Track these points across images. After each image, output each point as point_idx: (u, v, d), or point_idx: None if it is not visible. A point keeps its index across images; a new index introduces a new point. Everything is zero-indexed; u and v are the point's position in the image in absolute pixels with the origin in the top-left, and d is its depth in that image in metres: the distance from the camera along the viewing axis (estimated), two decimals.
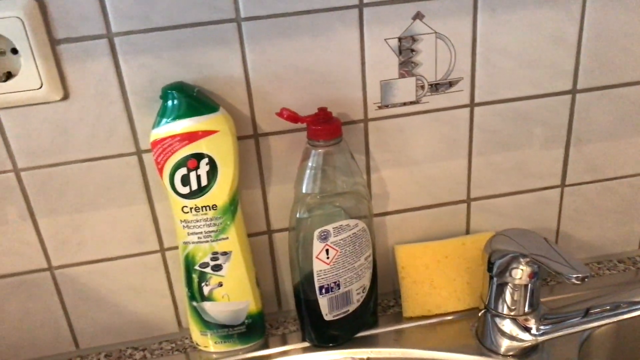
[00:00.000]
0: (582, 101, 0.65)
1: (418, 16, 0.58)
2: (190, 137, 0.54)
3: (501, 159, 0.66)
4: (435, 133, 0.63)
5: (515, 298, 0.57)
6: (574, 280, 0.47)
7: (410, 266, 0.65)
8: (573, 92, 0.64)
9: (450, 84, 0.61)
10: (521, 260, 0.54)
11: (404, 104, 0.61)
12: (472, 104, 0.63)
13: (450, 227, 0.69)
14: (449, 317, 0.65)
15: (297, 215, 0.58)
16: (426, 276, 0.65)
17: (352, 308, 0.62)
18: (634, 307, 0.55)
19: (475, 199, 0.68)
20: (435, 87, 0.61)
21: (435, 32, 0.58)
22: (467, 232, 0.69)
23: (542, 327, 0.57)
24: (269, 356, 0.64)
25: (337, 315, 0.61)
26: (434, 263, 0.65)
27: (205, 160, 0.55)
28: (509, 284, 0.56)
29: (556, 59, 0.62)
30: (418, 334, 0.64)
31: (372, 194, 0.65)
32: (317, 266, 0.59)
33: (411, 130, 0.63)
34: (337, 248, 0.59)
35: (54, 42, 0.53)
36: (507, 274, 0.56)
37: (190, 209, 0.56)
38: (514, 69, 0.62)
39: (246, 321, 0.62)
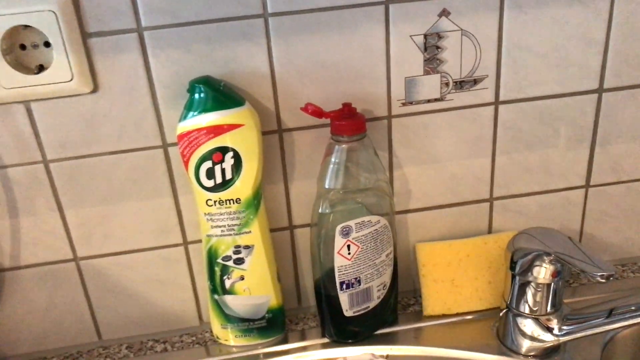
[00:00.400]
0: (609, 101, 0.64)
1: (444, 13, 0.58)
2: (216, 130, 0.54)
3: (525, 158, 0.66)
4: (459, 131, 0.63)
5: (537, 298, 0.56)
6: (599, 279, 0.47)
7: (431, 264, 0.65)
8: (599, 91, 0.63)
9: (475, 81, 0.61)
10: (545, 258, 0.54)
11: (428, 101, 0.61)
12: (496, 102, 0.62)
13: (472, 226, 0.68)
14: (470, 317, 0.65)
15: (320, 211, 0.58)
16: (447, 275, 0.65)
17: (372, 305, 0.62)
18: None
19: (498, 198, 0.67)
20: (460, 85, 0.61)
21: (461, 29, 0.58)
22: (490, 231, 0.69)
23: (564, 328, 0.56)
24: (289, 351, 0.64)
25: (358, 311, 0.61)
26: (455, 262, 0.65)
27: (230, 153, 0.55)
28: (532, 283, 0.56)
29: (583, 58, 0.62)
30: (438, 333, 0.64)
31: (394, 191, 0.65)
32: (339, 262, 0.59)
33: (435, 127, 0.63)
34: (358, 244, 0.59)
35: (85, 36, 0.54)
36: (530, 272, 0.55)
37: (215, 202, 0.57)
38: (540, 67, 0.61)
39: (267, 315, 0.63)
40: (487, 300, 0.65)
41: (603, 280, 0.47)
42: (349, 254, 0.59)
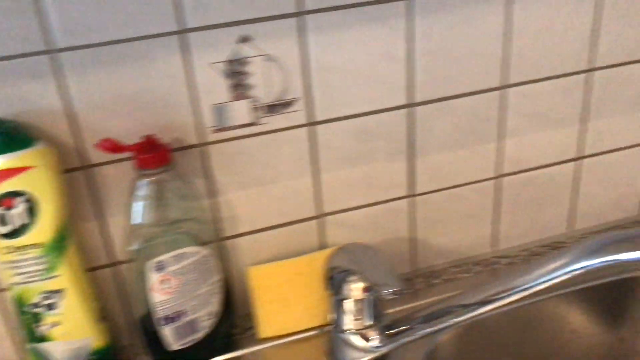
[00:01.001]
0: (421, 114, 0.67)
1: (244, 39, 0.58)
2: (4, 175, 0.51)
3: (349, 174, 0.67)
4: (278, 153, 0.63)
5: (354, 313, 0.58)
6: (388, 295, 0.49)
7: (263, 286, 0.65)
8: (410, 106, 0.66)
9: (287, 104, 0.62)
10: (353, 276, 0.56)
11: (242, 126, 0.61)
12: (311, 123, 0.63)
13: (305, 244, 0.69)
14: (305, 335, 0.66)
15: (131, 248, 0.57)
16: (279, 295, 0.65)
17: (200, 335, 0.61)
18: (467, 310, 0.57)
19: (328, 214, 0.69)
20: (272, 108, 0.61)
21: (265, 54, 0.59)
22: (324, 247, 0.70)
23: (383, 339, 0.58)
24: None
25: (185, 344, 0.60)
26: (286, 281, 0.66)
27: (23, 197, 0.52)
28: (348, 300, 0.57)
29: (389, 75, 0.64)
30: (273, 355, 0.64)
31: (221, 217, 0.64)
32: (157, 297, 0.57)
33: (253, 151, 0.63)
34: (176, 277, 0.58)
35: None
36: (343, 290, 0.57)
37: (13, 249, 0.54)
38: (350, 86, 0.63)
39: (91, 358, 0.60)
40: (319, 317, 0.66)
41: (392, 297, 0.49)
42: (168, 288, 0.58)
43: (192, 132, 0.60)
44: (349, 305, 0.58)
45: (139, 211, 0.56)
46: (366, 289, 0.56)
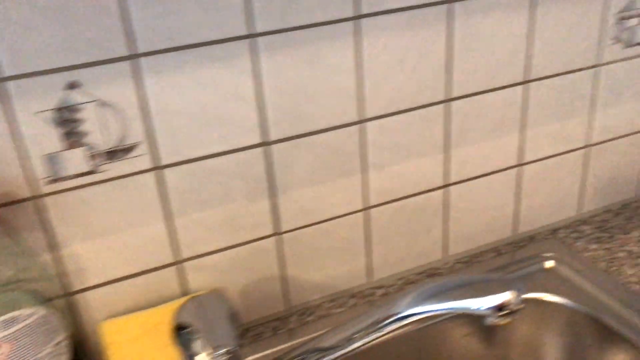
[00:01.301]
0: (278, 152, 0.66)
1: (73, 85, 0.54)
2: None
3: (207, 217, 0.65)
4: (125, 200, 0.60)
5: None
6: (221, 356, 0.47)
7: (117, 342, 0.61)
8: (265, 144, 0.64)
9: (128, 149, 0.59)
10: (196, 334, 0.53)
11: (79, 175, 0.57)
12: (158, 167, 0.61)
13: (166, 292, 0.66)
14: None
15: None
16: (134, 349, 0.62)
17: None
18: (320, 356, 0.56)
19: (188, 259, 0.66)
20: (112, 155, 0.58)
21: (98, 100, 0.56)
22: (187, 293, 0.67)
23: None
24: None
25: None
26: (144, 333, 0.62)
27: None
28: (198, 356, 0.55)
29: (239, 115, 0.62)
30: None
31: (66, 271, 0.60)
32: None
33: (96, 200, 0.59)
34: (9, 343, 0.54)
35: None
36: (191, 347, 0.54)
37: None
38: (197, 128, 0.61)
39: None
40: None
41: (226, 356, 0.47)
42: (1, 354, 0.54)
43: (23, 185, 0.56)
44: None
45: None
46: (215, 348, 0.54)
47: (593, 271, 0.76)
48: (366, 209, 0.73)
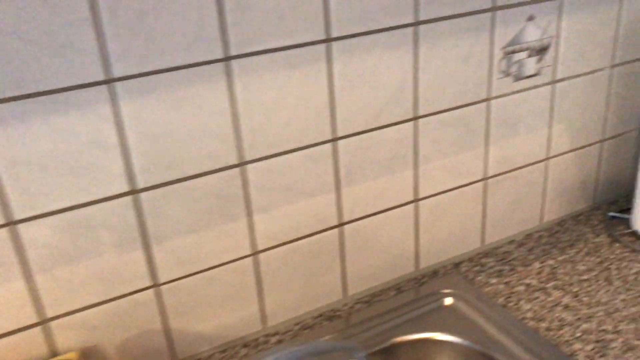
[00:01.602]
0: (149, 199, 0.62)
1: None
2: None
3: (72, 271, 0.60)
4: None
5: None
6: None
7: None
8: (133, 192, 0.61)
9: None
10: None
11: None
12: (10, 223, 0.56)
13: (32, 354, 0.61)
14: None
15: None
16: None
17: None
18: None
19: (54, 318, 0.61)
20: None
21: None
22: (56, 354, 0.62)
23: None
24: None
25: None
26: None
27: None
28: None
29: (102, 163, 0.58)
30: None
31: None
32: None
33: None
34: None
35: None
36: None
37: None
38: (54, 178, 0.56)
39: None
40: None
41: None
42: None
43: None
44: None
45: None
46: None
47: (491, 307, 0.74)
48: (255, 253, 0.70)
